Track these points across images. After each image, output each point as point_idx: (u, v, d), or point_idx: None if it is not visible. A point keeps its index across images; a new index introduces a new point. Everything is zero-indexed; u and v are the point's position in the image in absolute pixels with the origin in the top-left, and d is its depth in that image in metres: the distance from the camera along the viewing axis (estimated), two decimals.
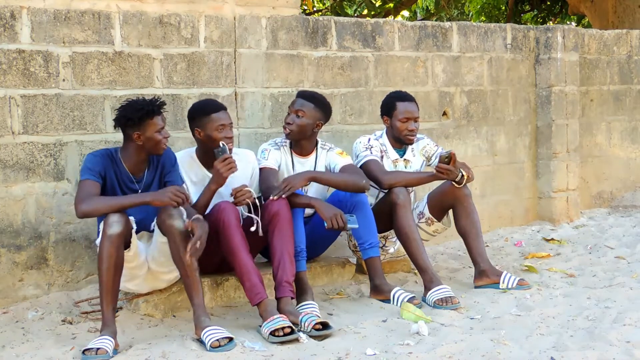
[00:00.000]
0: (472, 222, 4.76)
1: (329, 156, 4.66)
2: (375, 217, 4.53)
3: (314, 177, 4.38)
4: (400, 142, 4.89)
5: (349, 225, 4.21)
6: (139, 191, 3.96)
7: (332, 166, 4.63)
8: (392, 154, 4.89)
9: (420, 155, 4.99)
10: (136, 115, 3.89)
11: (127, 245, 3.80)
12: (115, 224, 3.69)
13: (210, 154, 4.19)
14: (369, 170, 4.66)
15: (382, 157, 4.84)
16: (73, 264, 4.49)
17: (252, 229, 4.08)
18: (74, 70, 4.46)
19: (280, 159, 4.55)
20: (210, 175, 4.19)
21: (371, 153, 4.76)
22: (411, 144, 4.90)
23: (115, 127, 4.03)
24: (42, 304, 4.29)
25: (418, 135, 4.98)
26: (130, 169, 3.98)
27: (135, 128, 3.90)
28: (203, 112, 4.23)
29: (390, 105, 4.89)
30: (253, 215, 4.08)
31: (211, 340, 3.63)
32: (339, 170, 4.54)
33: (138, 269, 3.95)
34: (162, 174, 4.07)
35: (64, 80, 4.44)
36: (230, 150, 4.14)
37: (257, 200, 4.12)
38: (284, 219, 4.11)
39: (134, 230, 3.82)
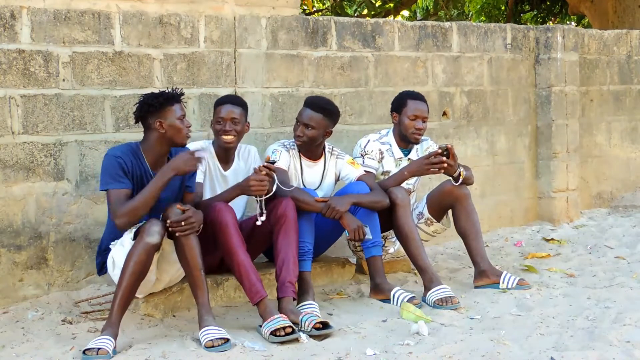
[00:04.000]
0: (472, 222, 4.76)
1: (340, 165, 4.71)
2: None
3: (355, 202, 4.43)
4: (406, 140, 4.88)
5: (365, 237, 4.39)
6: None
7: (344, 175, 4.70)
8: (397, 152, 4.88)
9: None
10: (156, 101, 3.91)
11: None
12: (156, 234, 3.68)
13: (220, 145, 4.36)
14: None
15: (381, 158, 4.84)
16: (73, 264, 4.49)
17: (258, 223, 4.12)
18: (74, 70, 4.46)
19: (290, 161, 4.57)
20: (221, 168, 4.39)
21: (363, 163, 4.77)
22: (417, 143, 4.88)
23: (136, 121, 4.01)
24: (42, 304, 4.29)
25: (422, 137, 4.98)
26: (151, 164, 3.96)
27: (156, 115, 3.91)
28: (215, 104, 4.42)
29: (401, 102, 4.88)
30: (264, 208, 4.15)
31: (206, 340, 3.64)
32: (354, 180, 4.63)
33: (151, 273, 3.94)
34: (183, 176, 4.04)
35: (64, 80, 4.44)
36: (230, 145, 4.34)
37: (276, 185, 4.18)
38: (290, 220, 4.14)
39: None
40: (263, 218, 4.12)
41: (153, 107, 3.91)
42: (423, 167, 4.65)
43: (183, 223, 3.72)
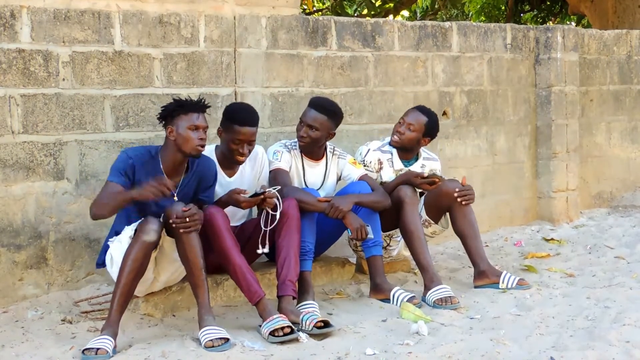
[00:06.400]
0: (470, 223, 4.76)
1: (342, 165, 4.73)
2: (381, 215, 4.56)
3: (357, 202, 4.43)
4: (405, 151, 4.88)
5: (367, 236, 4.39)
6: (175, 197, 3.93)
7: (345, 175, 4.71)
8: (397, 163, 4.87)
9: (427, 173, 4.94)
10: (171, 107, 3.94)
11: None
12: (152, 232, 3.69)
13: (227, 156, 4.29)
14: None
15: (380, 168, 4.83)
16: (73, 264, 4.49)
17: (259, 251, 4.17)
18: (74, 70, 4.46)
19: (291, 162, 4.57)
20: (225, 175, 4.32)
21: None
22: (395, 146, 4.86)
23: (164, 126, 4.01)
24: (42, 303, 4.29)
25: (433, 155, 5.02)
26: (167, 171, 3.95)
27: (170, 122, 3.93)
28: (231, 119, 4.24)
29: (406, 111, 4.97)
30: (277, 212, 4.12)
31: (205, 340, 3.64)
32: (355, 180, 4.64)
33: (149, 271, 3.94)
34: (198, 185, 4.05)
35: (63, 79, 4.44)
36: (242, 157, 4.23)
37: (277, 200, 4.13)
38: (292, 219, 4.13)
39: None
40: (266, 250, 4.15)
41: (166, 112, 3.95)
42: (416, 184, 4.70)
43: (187, 219, 3.72)
